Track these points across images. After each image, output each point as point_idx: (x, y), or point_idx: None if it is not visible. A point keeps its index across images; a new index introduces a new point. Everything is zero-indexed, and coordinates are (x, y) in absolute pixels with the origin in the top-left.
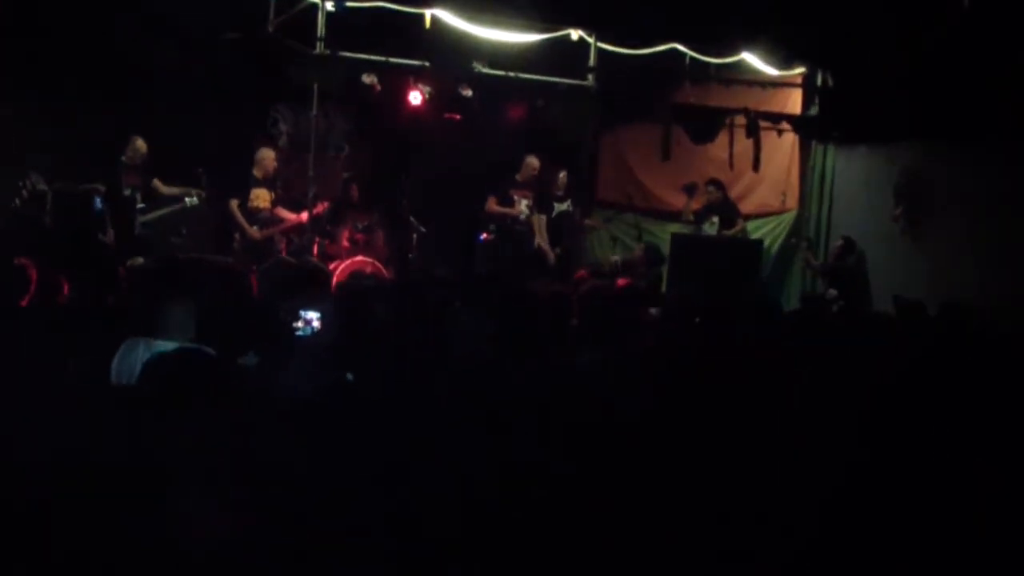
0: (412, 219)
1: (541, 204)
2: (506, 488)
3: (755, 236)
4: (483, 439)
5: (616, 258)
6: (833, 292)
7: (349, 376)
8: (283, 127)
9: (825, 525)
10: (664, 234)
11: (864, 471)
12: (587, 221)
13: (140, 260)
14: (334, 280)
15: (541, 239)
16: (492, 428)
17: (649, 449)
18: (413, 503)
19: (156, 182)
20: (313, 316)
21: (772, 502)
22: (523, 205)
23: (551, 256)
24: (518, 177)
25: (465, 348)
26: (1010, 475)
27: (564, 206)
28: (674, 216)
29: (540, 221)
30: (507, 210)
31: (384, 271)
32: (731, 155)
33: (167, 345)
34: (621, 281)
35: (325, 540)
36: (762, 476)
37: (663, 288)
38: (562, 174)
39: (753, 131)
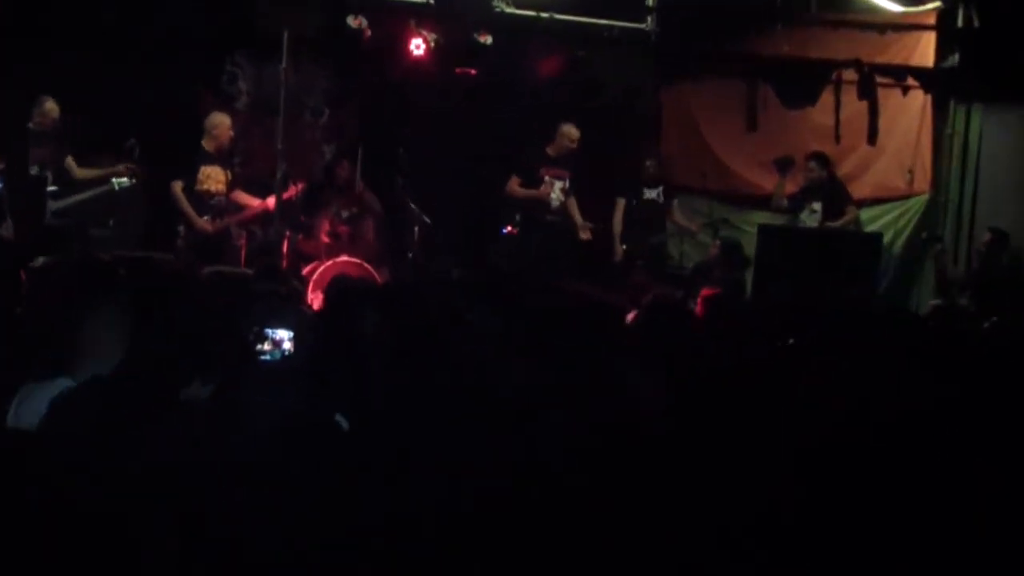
0: (412, 206)
1: (621, 187)
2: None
3: (871, 228)
4: (508, 516)
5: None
6: (976, 304)
7: (339, 418)
8: (242, 85)
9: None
10: (748, 226)
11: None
12: (680, 219)
13: (48, 260)
14: (310, 287)
15: (582, 228)
16: (519, 502)
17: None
18: None
19: (70, 161)
20: (283, 335)
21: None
22: (556, 188)
23: (619, 252)
24: (550, 151)
25: (484, 377)
26: None
27: (652, 193)
28: (762, 202)
29: (572, 204)
30: (533, 192)
31: (375, 274)
32: (838, 122)
33: (81, 376)
34: (707, 291)
35: None
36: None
37: (746, 298)
38: (652, 160)
39: (868, 90)
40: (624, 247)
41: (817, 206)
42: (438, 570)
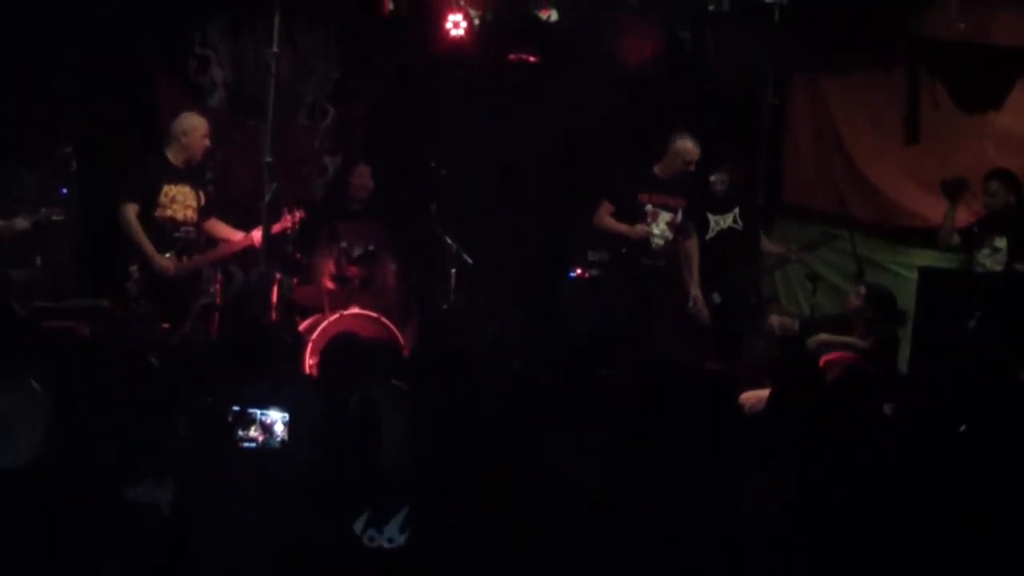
0: (449, 241)
1: (692, 218)
2: None
3: None
4: None
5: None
6: None
7: (363, 528)
8: (216, 73)
9: None
10: (905, 269)
11: None
12: (769, 245)
13: None
14: (308, 349)
15: (692, 282)
16: None
17: None
18: None
19: None
20: (276, 417)
21: None
22: (661, 221)
23: (704, 313)
24: (657, 171)
25: (564, 493)
26: None
27: (727, 220)
28: (924, 237)
29: (691, 250)
30: (627, 228)
31: (397, 333)
32: None
33: None
34: (829, 358)
35: None
36: None
37: (901, 365)
38: (720, 175)
39: None
40: (715, 298)
41: (1001, 243)
42: None
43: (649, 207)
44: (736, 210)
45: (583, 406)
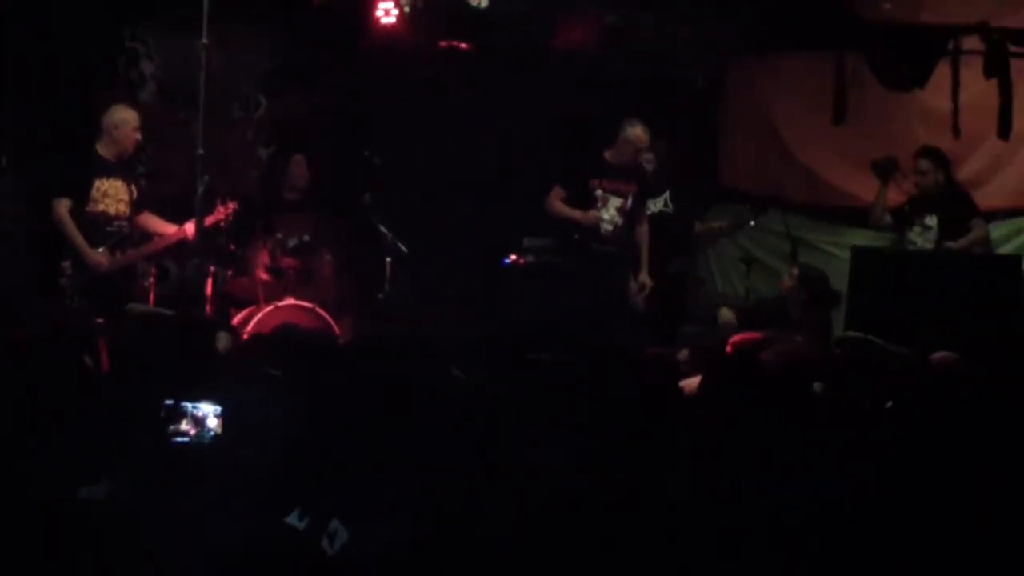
0: (384, 230)
1: (643, 203)
2: None
3: (1005, 250)
4: None
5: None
6: None
7: (296, 519)
8: (146, 67)
9: None
10: (838, 248)
11: None
12: (702, 226)
13: None
14: (244, 341)
15: (642, 269)
16: None
17: None
18: None
19: None
20: (208, 410)
21: None
22: (612, 207)
23: (646, 298)
24: (608, 157)
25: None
26: None
27: (658, 204)
28: (856, 216)
29: (643, 236)
30: (580, 215)
31: (334, 324)
32: (957, 108)
33: None
34: (739, 337)
35: None
36: None
37: (834, 344)
38: (647, 153)
39: (998, 64)
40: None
41: (931, 220)
42: None
43: (599, 192)
44: (667, 193)
45: (526, 394)
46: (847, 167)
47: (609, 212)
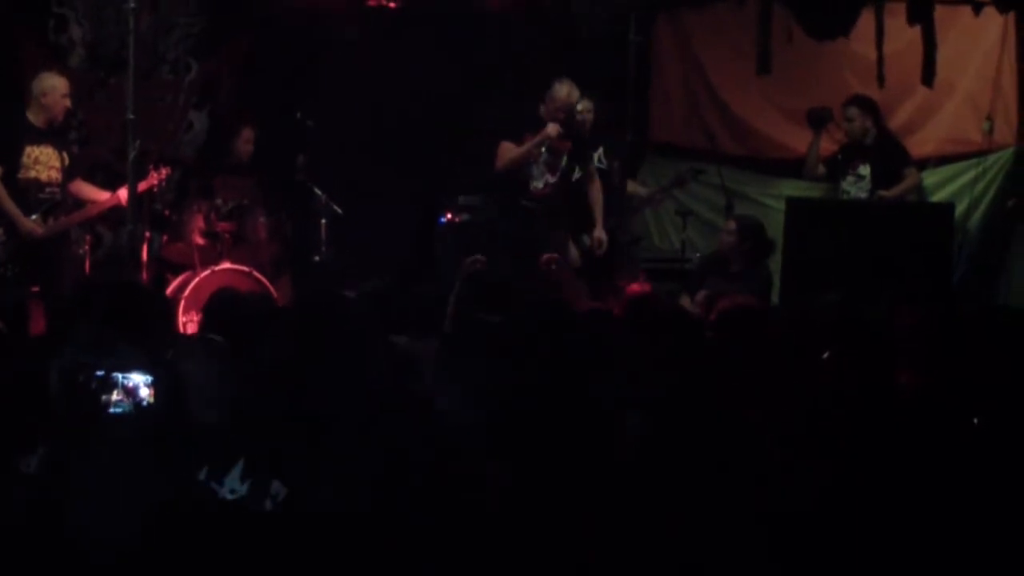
0: (318, 192)
1: (580, 160)
2: None
3: (938, 197)
4: None
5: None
6: None
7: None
8: (75, 32)
9: None
10: (772, 200)
11: None
12: (636, 187)
13: None
14: (180, 307)
15: (597, 224)
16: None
17: None
18: None
19: None
20: (139, 380)
21: None
22: (543, 163)
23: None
24: (542, 113)
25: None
26: None
27: (591, 160)
28: (790, 167)
29: (595, 194)
30: (537, 137)
31: (271, 287)
32: (881, 57)
33: None
34: (635, 287)
35: None
36: None
37: (773, 297)
38: (582, 104)
39: (921, 10)
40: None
41: (865, 170)
42: None
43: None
44: (600, 149)
45: (468, 351)
46: (780, 118)
47: (538, 168)
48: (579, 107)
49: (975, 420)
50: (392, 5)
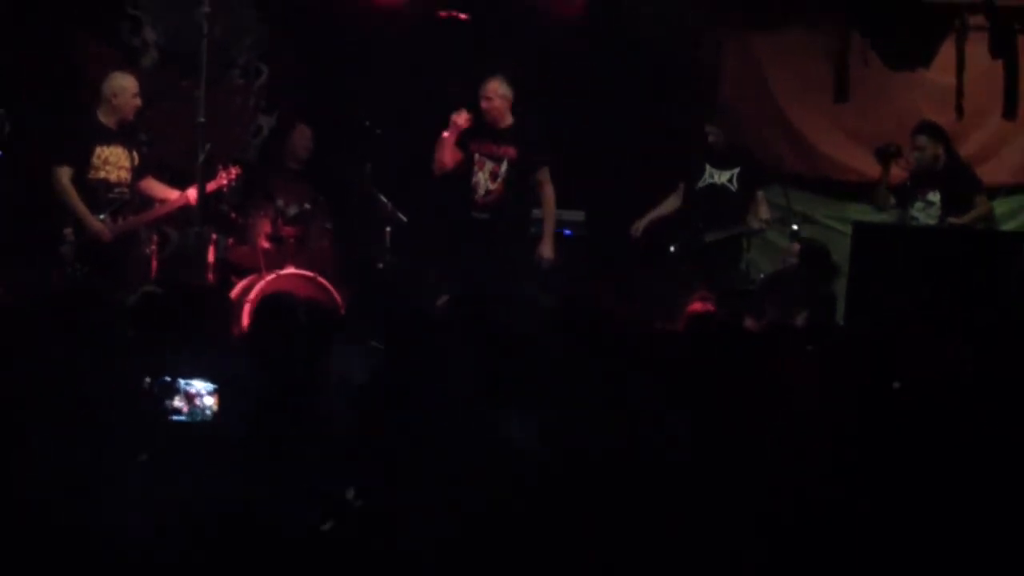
0: (383, 199)
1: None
2: None
3: (1010, 226)
4: None
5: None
6: None
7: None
8: (148, 34)
9: None
10: (840, 223)
11: None
12: (764, 212)
13: None
14: (245, 311)
15: (544, 238)
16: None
17: None
18: None
19: None
20: (202, 388)
21: None
22: (487, 171)
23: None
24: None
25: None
26: None
27: (723, 176)
28: (857, 190)
29: (545, 205)
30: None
31: (335, 293)
32: (960, 83)
33: None
34: (697, 305)
35: None
36: None
37: (837, 319)
38: (712, 127)
39: (1004, 42)
40: (673, 248)
41: (934, 196)
42: None
43: (476, 155)
44: (736, 170)
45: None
46: (849, 142)
47: (484, 176)
48: (481, 90)
49: None
50: (463, 17)
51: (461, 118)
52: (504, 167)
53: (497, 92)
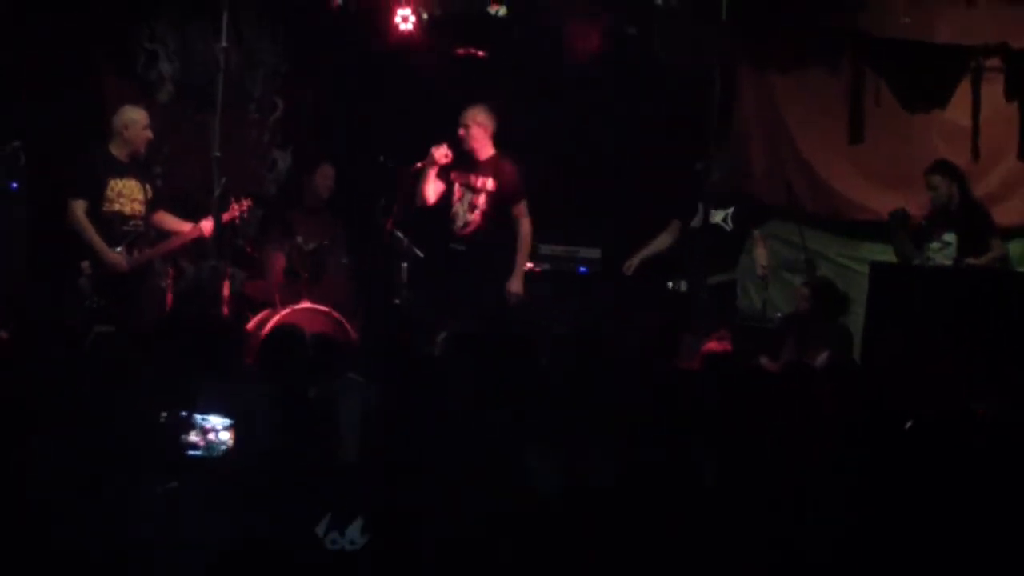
0: (399, 235)
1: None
2: None
3: (1022, 268)
4: None
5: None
6: None
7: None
8: (164, 68)
9: None
10: (856, 262)
11: None
12: (761, 257)
13: None
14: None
15: (515, 273)
16: None
17: None
18: None
19: None
20: (218, 423)
21: None
22: (466, 202)
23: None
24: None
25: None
26: None
27: (718, 216)
28: (873, 230)
29: (520, 240)
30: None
31: (350, 329)
32: (976, 124)
33: None
34: (713, 344)
35: None
36: None
37: (853, 358)
38: (465, 115)
39: (1019, 84)
40: (672, 286)
41: (951, 237)
42: None
43: (456, 186)
44: (731, 210)
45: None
46: (865, 181)
47: (464, 207)
48: (698, 165)
49: None
50: (480, 54)
51: (440, 152)
52: (483, 198)
53: (475, 120)
